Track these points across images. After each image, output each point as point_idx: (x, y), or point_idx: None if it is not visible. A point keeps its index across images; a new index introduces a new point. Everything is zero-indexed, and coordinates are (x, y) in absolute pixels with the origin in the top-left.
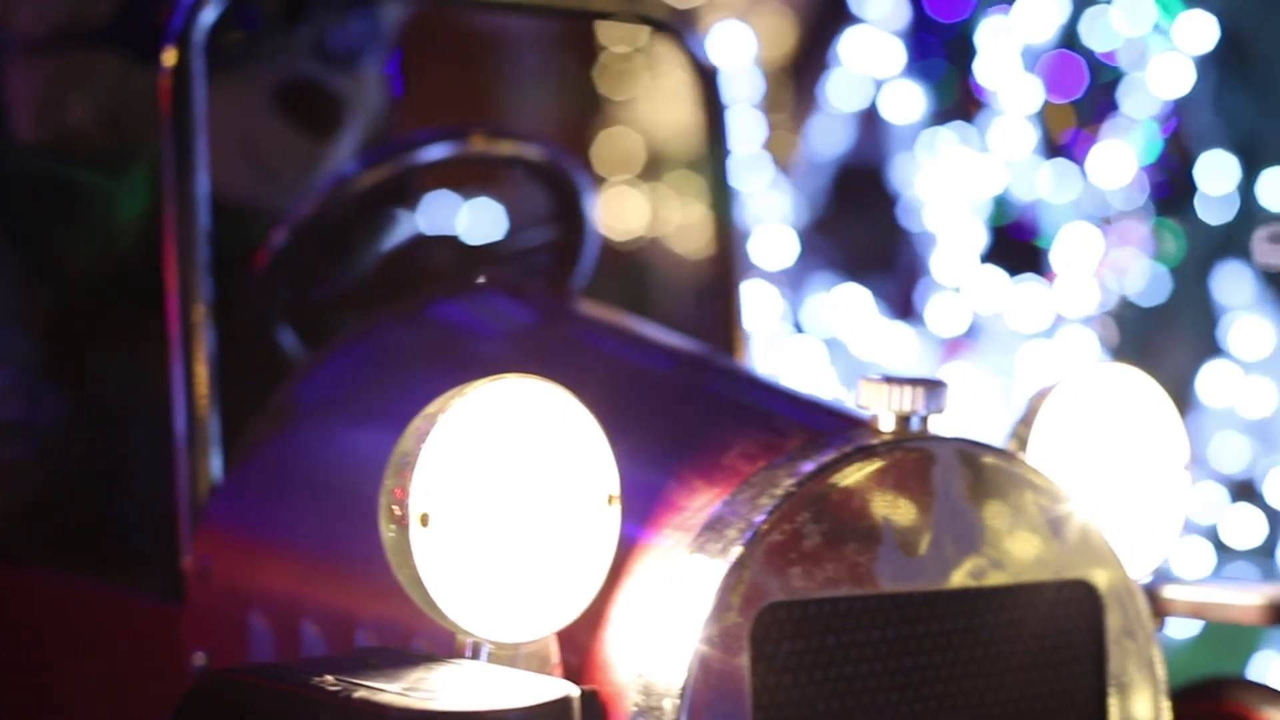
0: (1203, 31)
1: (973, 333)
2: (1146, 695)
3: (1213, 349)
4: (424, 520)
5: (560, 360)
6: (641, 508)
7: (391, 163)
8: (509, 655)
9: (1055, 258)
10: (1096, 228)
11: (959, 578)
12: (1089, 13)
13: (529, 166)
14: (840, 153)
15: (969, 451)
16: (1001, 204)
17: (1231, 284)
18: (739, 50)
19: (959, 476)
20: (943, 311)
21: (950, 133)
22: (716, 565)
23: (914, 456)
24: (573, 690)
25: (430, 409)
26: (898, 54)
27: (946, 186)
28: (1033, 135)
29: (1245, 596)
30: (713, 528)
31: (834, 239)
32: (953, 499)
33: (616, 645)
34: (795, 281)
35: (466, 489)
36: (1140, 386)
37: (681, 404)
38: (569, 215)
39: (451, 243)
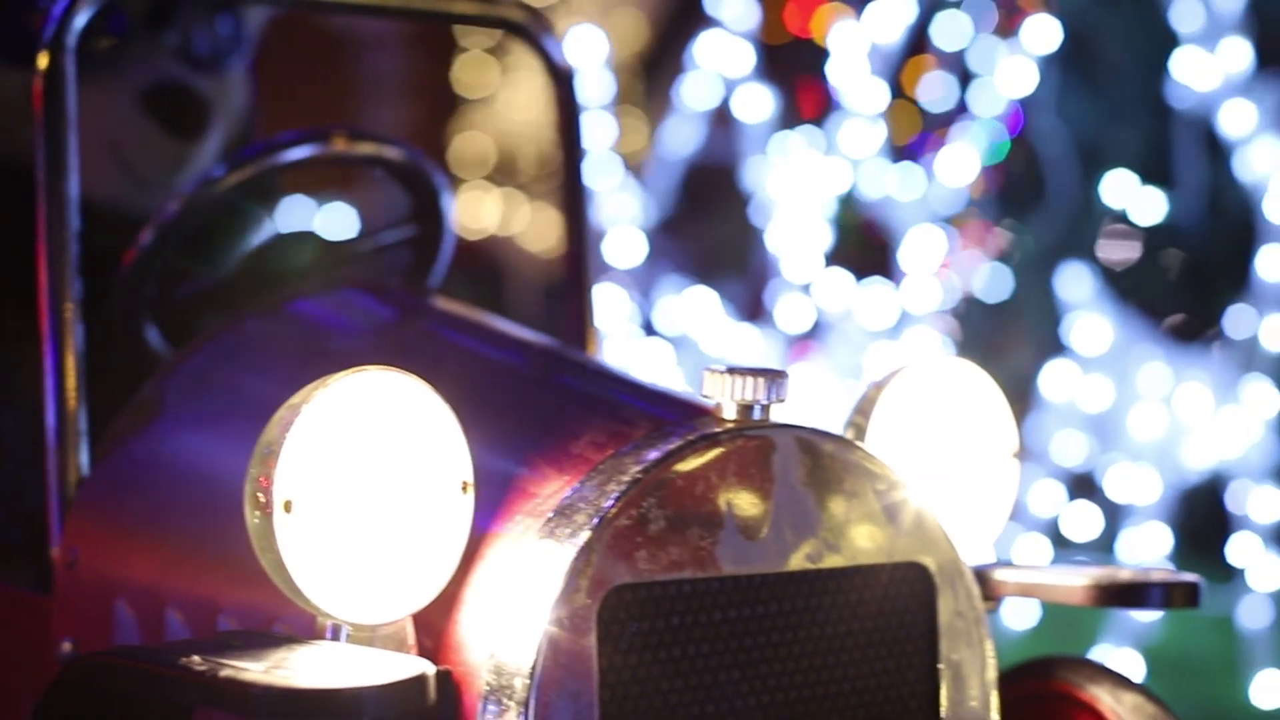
0: (1047, 33)
1: (819, 332)
2: (976, 672)
3: (1055, 346)
4: (287, 507)
5: (418, 354)
6: (494, 495)
7: (256, 164)
8: (367, 637)
9: (901, 258)
10: (941, 228)
11: (797, 560)
12: (939, 16)
13: (389, 166)
14: (691, 153)
15: (808, 439)
16: (849, 205)
17: (1073, 282)
18: (593, 52)
19: (798, 463)
20: (791, 311)
21: (800, 135)
22: (565, 549)
23: (755, 444)
24: (428, 668)
25: (294, 400)
26: (748, 56)
27: (796, 188)
28: (880, 136)
29: (1073, 578)
30: (562, 514)
31: (684, 240)
32: (792, 485)
33: (470, 627)
34: (644, 282)
35: (328, 477)
36: (972, 378)
37: (533, 395)
38: (427, 214)
39: (312, 241)
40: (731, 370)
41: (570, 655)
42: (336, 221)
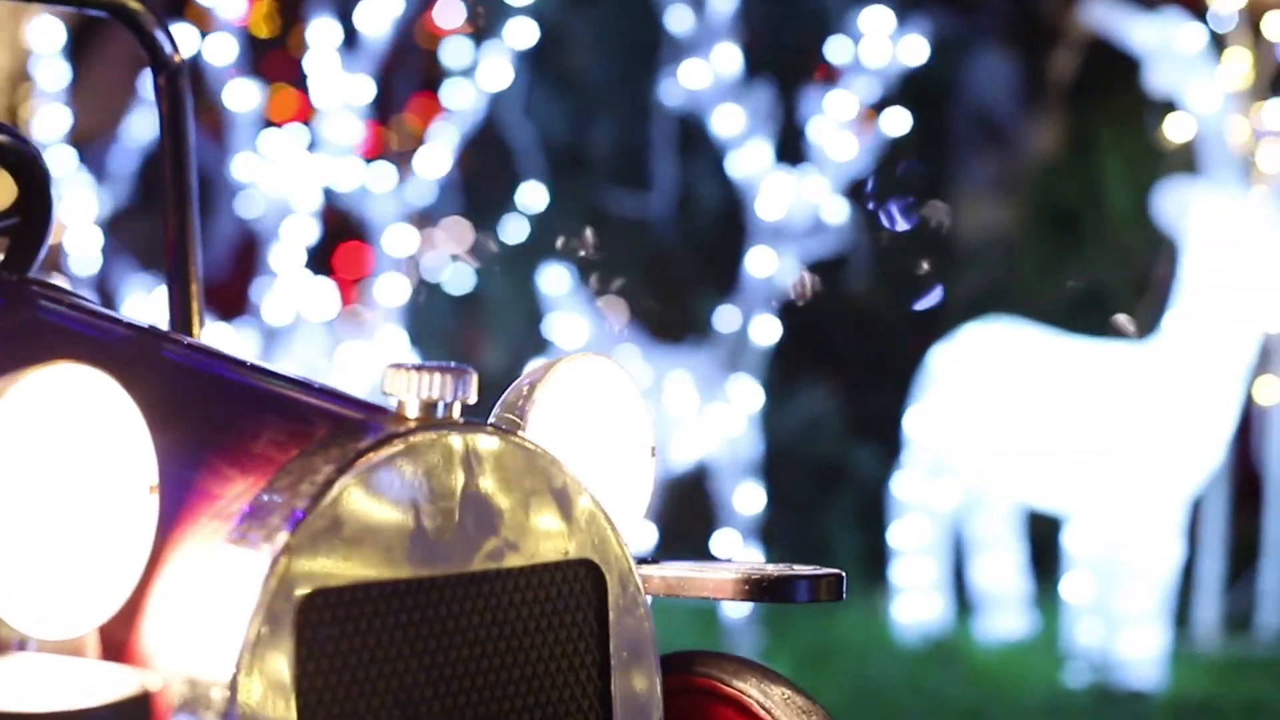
0: (522, 32)
1: (295, 326)
2: (644, 667)
3: (537, 343)
4: None
5: (60, 348)
6: (175, 497)
7: None
8: (54, 649)
9: (372, 254)
10: (415, 226)
11: (480, 560)
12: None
13: None
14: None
15: (492, 438)
16: (327, 202)
17: (549, 279)
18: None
19: (482, 462)
20: (272, 306)
21: (282, 132)
22: (260, 554)
23: (440, 442)
24: (152, 682)
25: None
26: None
27: (278, 184)
28: (358, 134)
29: (720, 573)
30: (254, 516)
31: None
32: (476, 483)
33: (161, 636)
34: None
35: (4, 478)
36: (613, 375)
37: (200, 390)
38: (33, 201)
39: None
40: (417, 367)
41: (266, 662)
42: None
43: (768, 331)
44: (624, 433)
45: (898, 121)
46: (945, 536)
